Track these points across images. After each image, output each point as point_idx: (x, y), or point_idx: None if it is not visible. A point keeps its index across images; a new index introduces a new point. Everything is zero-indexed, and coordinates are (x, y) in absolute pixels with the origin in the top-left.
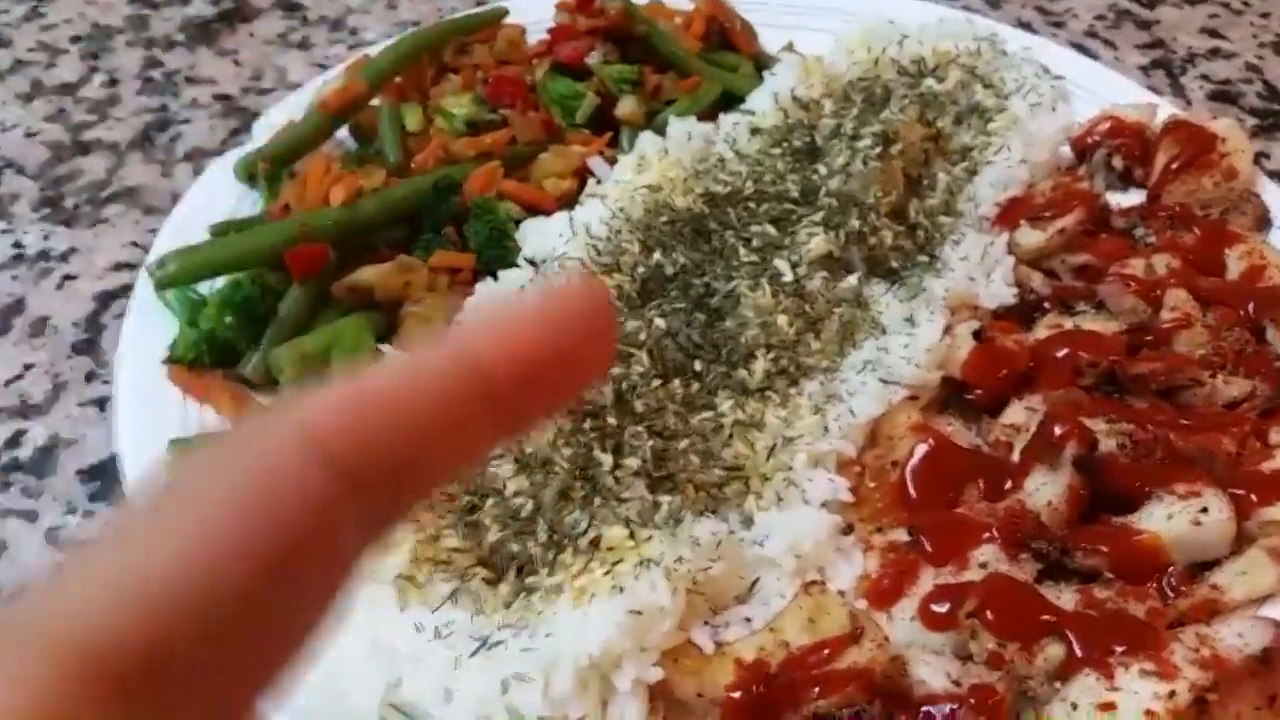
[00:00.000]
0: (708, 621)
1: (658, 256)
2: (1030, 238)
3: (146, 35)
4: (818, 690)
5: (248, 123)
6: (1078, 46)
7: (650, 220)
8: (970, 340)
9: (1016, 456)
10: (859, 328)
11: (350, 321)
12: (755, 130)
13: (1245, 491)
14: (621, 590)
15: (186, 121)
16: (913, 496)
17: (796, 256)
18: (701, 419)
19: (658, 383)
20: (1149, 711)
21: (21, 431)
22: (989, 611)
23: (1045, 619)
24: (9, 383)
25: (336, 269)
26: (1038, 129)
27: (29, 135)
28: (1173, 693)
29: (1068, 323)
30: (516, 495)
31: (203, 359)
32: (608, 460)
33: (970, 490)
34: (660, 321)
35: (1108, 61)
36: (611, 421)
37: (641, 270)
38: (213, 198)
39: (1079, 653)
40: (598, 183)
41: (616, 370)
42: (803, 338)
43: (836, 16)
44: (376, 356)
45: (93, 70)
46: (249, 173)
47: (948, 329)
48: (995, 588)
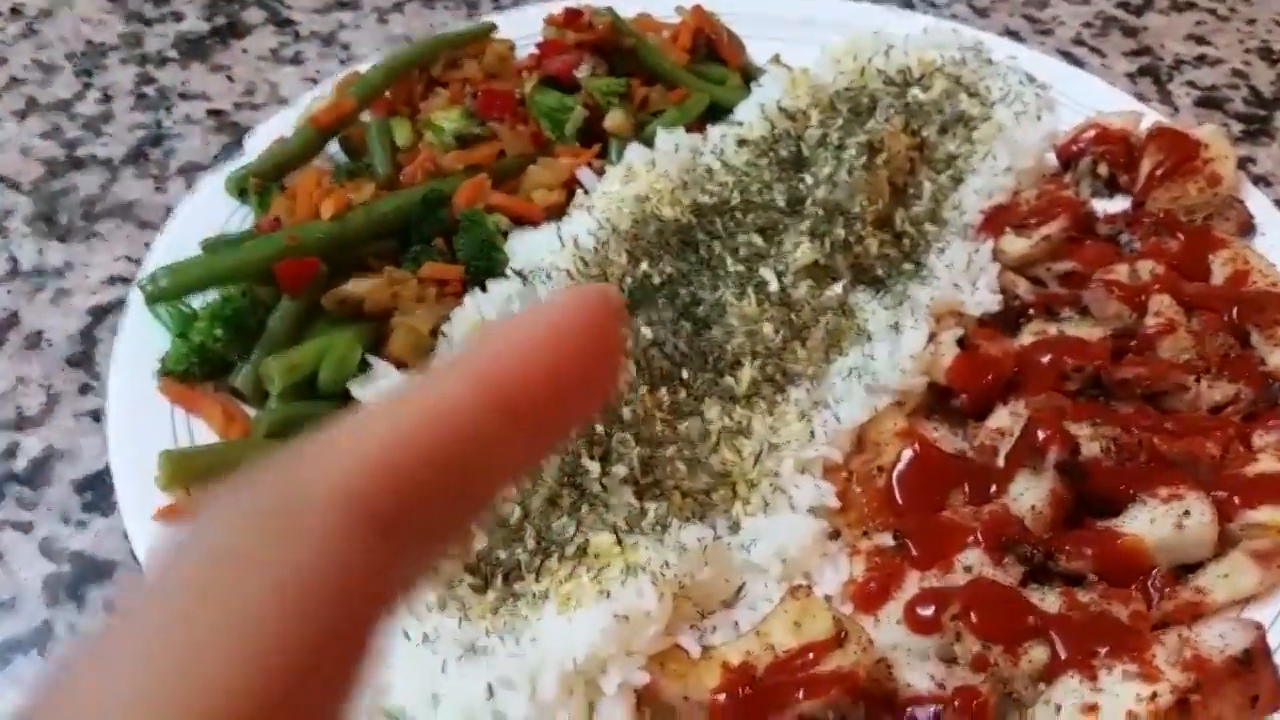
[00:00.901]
0: (694, 626)
1: (645, 266)
2: (1015, 245)
3: (140, 52)
4: (803, 693)
5: (240, 138)
6: (1065, 54)
7: (638, 231)
8: (955, 347)
9: (1001, 461)
10: (845, 335)
11: (340, 333)
12: (742, 141)
13: (1228, 494)
14: (608, 595)
15: (179, 137)
16: (899, 501)
17: (783, 265)
18: (688, 426)
19: (645, 390)
20: (1131, 713)
21: (16, 444)
22: (973, 614)
23: (1029, 622)
24: (4, 396)
25: (326, 282)
26: (1023, 137)
27: (24, 151)
28: (1155, 694)
29: (1053, 329)
30: (504, 502)
31: (194, 371)
32: (595, 468)
33: (955, 495)
34: (647, 331)
35: (1095, 69)
36: (599, 429)
37: (629, 280)
38: (204, 212)
39: (1062, 655)
40: (586, 194)
41: None
42: (789, 345)
43: (823, 29)
44: (366, 368)
45: (87, 86)
46: (240, 188)
47: (933, 336)
48: (980, 591)
